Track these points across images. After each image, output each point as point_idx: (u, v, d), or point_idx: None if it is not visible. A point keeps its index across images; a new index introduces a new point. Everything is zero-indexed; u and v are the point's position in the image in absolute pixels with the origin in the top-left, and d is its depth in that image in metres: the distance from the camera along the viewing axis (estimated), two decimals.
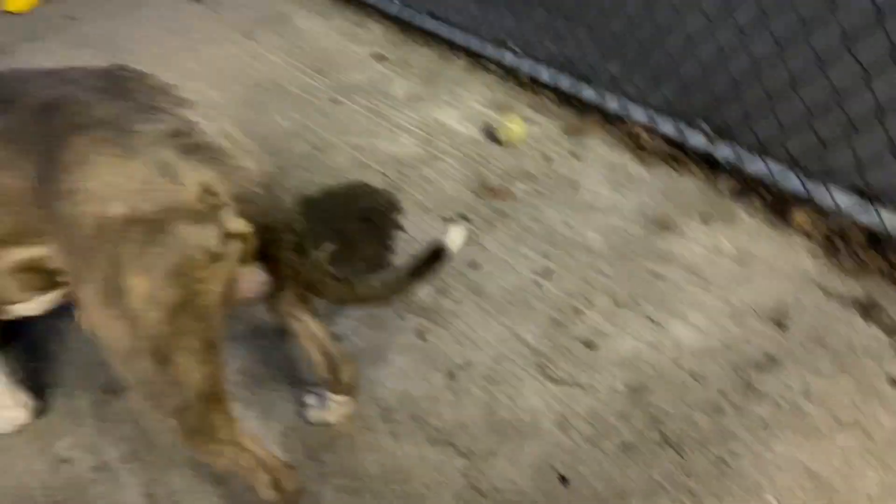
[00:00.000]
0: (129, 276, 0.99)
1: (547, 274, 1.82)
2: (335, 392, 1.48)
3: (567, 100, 2.42)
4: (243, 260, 1.08)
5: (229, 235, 1.03)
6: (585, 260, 1.85)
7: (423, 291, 1.81)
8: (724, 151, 2.07)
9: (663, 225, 1.93)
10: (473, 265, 1.86)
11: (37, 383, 1.63)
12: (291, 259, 1.12)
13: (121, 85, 1.11)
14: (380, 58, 2.89)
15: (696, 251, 1.85)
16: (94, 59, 2.97)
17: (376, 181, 2.20)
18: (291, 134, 2.48)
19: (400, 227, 2.01)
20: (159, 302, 1.00)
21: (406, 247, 1.94)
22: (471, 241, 1.94)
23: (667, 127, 2.19)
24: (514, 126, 2.26)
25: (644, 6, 2.12)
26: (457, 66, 2.75)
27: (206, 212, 1.01)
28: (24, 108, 1.06)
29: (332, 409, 1.51)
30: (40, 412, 1.58)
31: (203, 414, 1.11)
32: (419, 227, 2.01)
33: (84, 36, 3.21)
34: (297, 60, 2.94)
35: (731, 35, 2.03)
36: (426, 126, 2.44)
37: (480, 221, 2.00)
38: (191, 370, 1.06)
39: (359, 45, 3.00)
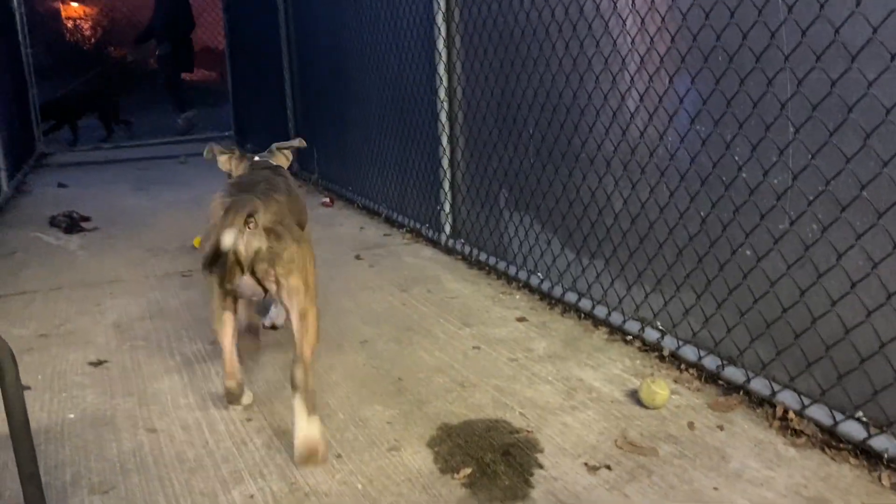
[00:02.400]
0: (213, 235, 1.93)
1: None
2: None
3: (711, 377, 2.43)
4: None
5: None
6: None
7: None
8: (883, 443, 1.97)
9: None
10: None
11: None
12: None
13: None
14: (521, 319, 3.04)
15: None
16: None
17: (516, 421, 2.22)
18: (434, 369, 2.57)
19: (539, 465, 1.98)
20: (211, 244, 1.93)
21: (546, 484, 1.89)
22: (613, 488, 1.88)
23: (819, 413, 2.13)
24: (658, 389, 2.26)
25: (798, 293, 2.20)
26: (597, 336, 2.84)
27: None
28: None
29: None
30: None
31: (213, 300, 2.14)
32: (559, 467, 1.97)
33: None
34: (445, 313, 3.13)
35: (894, 327, 2.05)
36: (566, 380, 2.48)
37: (622, 471, 1.94)
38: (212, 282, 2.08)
39: (503, 308, 3.18)
